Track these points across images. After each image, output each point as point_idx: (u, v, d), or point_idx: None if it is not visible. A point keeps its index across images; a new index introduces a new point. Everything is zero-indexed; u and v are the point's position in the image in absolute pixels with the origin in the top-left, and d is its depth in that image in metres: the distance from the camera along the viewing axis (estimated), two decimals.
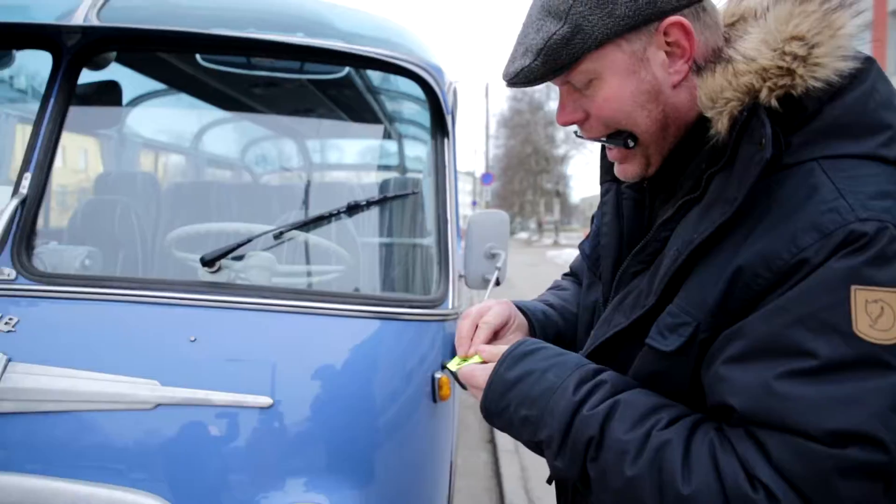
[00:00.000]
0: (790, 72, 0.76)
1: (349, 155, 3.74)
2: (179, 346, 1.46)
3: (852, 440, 0.66)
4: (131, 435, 1.39)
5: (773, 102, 0.77)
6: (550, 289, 1.38)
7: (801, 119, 0.80)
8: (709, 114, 0.83)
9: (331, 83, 2.28)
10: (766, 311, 0.74)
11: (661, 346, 0.83)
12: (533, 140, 44.69)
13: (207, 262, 1.68)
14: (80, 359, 1.40)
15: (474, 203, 44.83)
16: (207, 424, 1.41)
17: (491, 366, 0.96)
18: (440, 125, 2.00)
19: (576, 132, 0.98)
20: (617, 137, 0.92)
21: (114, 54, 1.88)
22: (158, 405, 1.39)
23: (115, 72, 2.03)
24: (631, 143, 0.91)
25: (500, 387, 0.92)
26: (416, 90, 1.99)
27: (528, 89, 44.64)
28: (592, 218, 1.23)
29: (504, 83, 0.94)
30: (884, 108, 0.80)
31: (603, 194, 1.09)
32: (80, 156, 3.17)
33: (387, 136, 2.77)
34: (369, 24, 1.94)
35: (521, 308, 1.17)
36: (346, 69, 2.16)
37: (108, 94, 2.07)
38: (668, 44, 0.85)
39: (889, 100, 0.81)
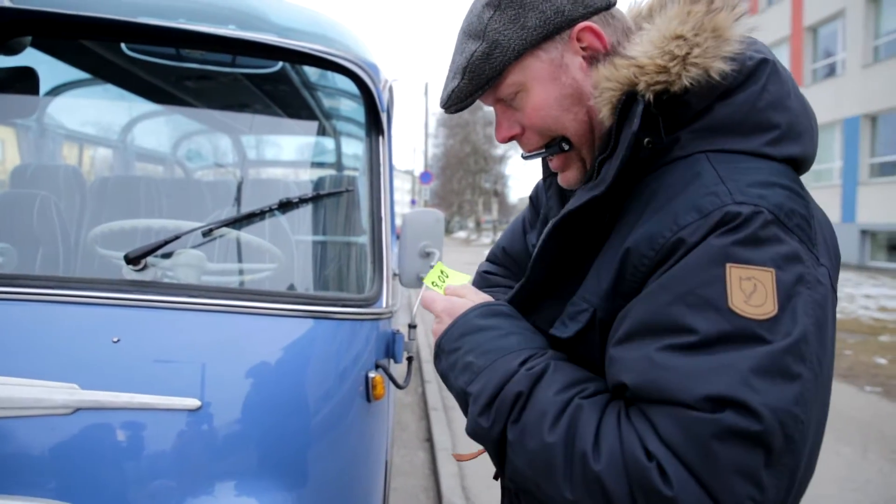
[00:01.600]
0: (666, 69, 0.81)
1: (284, 151, 3.67)
2: (101, 347, 1.40)
3: (726, 405, 0.68)
4: (47, 442, 1.32)
5: (650, 96, 0.82)
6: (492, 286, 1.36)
7: (691, 115, 0.85)
8: (592, 102, 0.89)
9: (265, 78, 2.24)
10: (650, 290, 0.77)
11: (560, 333, 0.88)
12: (472, 140, 45.02)
13: (132, 260, 1.62)
14: None
15: (413, 202, 44.78)
16: (131, 429, 1.36)
17: (465, 304, 0.99)
18: (375, 123, 1.99)
19: (523, 155, 1.02)
20: (553, 145, 0.97)
21: (28, 39, 1.78)
22: (77, 409, 1.33)
23: (32, 57, 1.93)
24: (566, 147, 0.96)
25: (463, 328, 0.94)
26: (352, 87, 1.98)
27: None
28: (531, 198, 1.26)
29: (442, 110, 0.98)
30: (772, 109, 0.85)
31: (546, 189, 1.13)
32: None
33: (322, 132, 2.73)
34: (304, 19, 1.91)
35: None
36: (280, 64, 2.12)
37: (24, 81, 1.97)
38: (583, 48, 0.91)
39: (780, 100, 0.86)
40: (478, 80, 0.93)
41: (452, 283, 1.12)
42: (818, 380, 0.73)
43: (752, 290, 0.71)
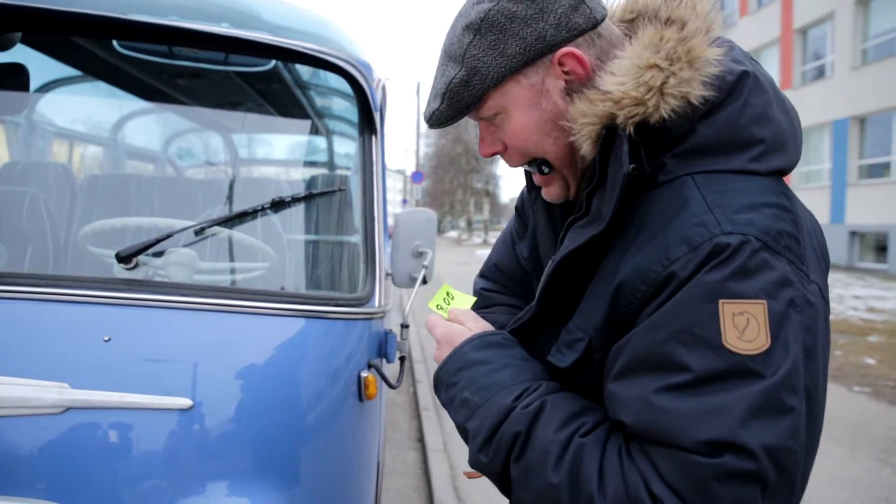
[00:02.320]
0: (642, 102, 0.79)
1: (276, 150, 3.65)
2: (92, 346, 1.39)
3: (724, 449, 0.69)
4: (37, 442, 1.31)
5: (630, 129, 0.80)
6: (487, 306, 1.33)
7: (673, 140, 0.84)
8: (573, 139, 0.87)
9: (257, 76, 2.23)
10: (644, 326, 0.77)
11: (558, 362, 0.88)
12: (464, 139, 45.01)
13: (124, 258, 1.61)
14: None
15: (405, 201, 44.73)
16: (122, 428, 1.35)
17: (463, 333, 0.99)
18: (368, 122, 1.99)
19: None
20: (533, 164, 0.97)
21: (19, 35, 1.77)
22: (68, 409, 1.32)
23: (23, 54, 1.91)
24: (546, 170, 0.96)
25: (459, 363, 0.95)
26: (345, 86, 1.97)
27: None
28: (517, 208, 1.26)
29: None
30: (756, 123, 0.84)
31: (532, 202, 1.11)
32: None
33: (314, 131, 2.72)
34: (297, 18, 1.90)
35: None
36: (273, 62, 2.11)
37: (14, 77, 1.95)
38: (565, 73, 0.88)
39: (763, 112, 0.85)
40: (457, 105, 0.92)
41: (457, 305, 1.11)
42: (811, 403, 0.75)
43: (745, 325, 0.71)
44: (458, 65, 0.89)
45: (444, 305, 1.11)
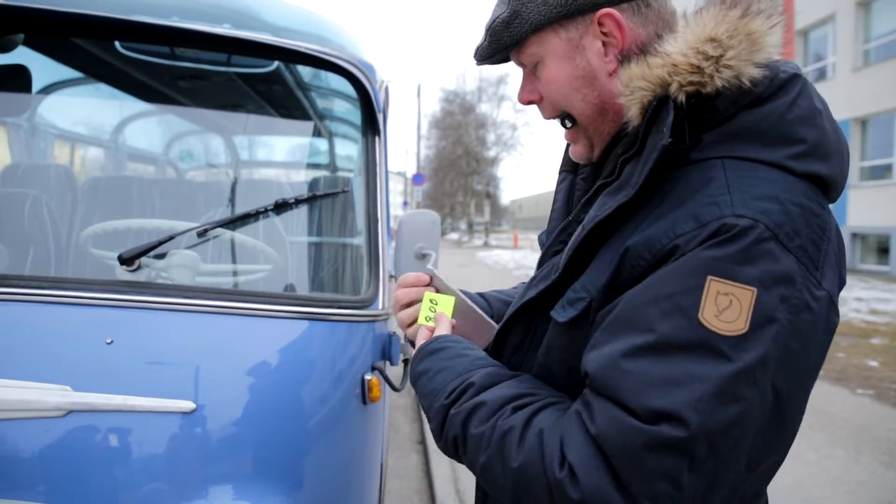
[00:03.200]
0: (700, 69, 0.81)
1: (278, 152, 3.65)
2: (94, 348, 1.39)
3: (665, 419, 0.70)
4: (39, 445, 1.30)
5: (682, 97, 0.81)
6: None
7: (716, 120, 0.84)
8: (621, 100, 0.88)
9: (260, 78, 2.22)
10: (634, 289, 0.79)
11: (558, 317, 0.89)
12: (464, 142, 45.04)
13: (126, 261, 1.60)
14: None
15: (406, 203, 44.76)
16: (124, 431, 1.34)
17: (419, 340, 1.07)
18: (371, 123, 1.98)
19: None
20: (560, 118, 1.00)
21: (21, 37, 1.76)
22: (70, 412, 1.31)
23: (25, 56, 1.91)
24: (568, 124, 0.99)
25: (413, 376, 1.04)
26: (348, 87, 1.96)
27: (460, 91, 45.24)
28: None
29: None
30: (801, 123, 0.83)
31: (558, 183, 1.14)
32: None
33: (317, 133, 2.71)
34: (300, 19, 1.89)
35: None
36: (275, 64, 2.10)
37: (16, 79, 1.94)
38: (604, 34, 0.91)
39: (810, 116, 0.84)
40: (496, 44, 0.97)
41: (441, 307, 1.13)
42: (779, 406, 0.75)
43: (726, 306, 0.71)
44: (506, 6, 0.95)
45: (431, 315, 1.12)
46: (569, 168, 1.12)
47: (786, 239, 0.74)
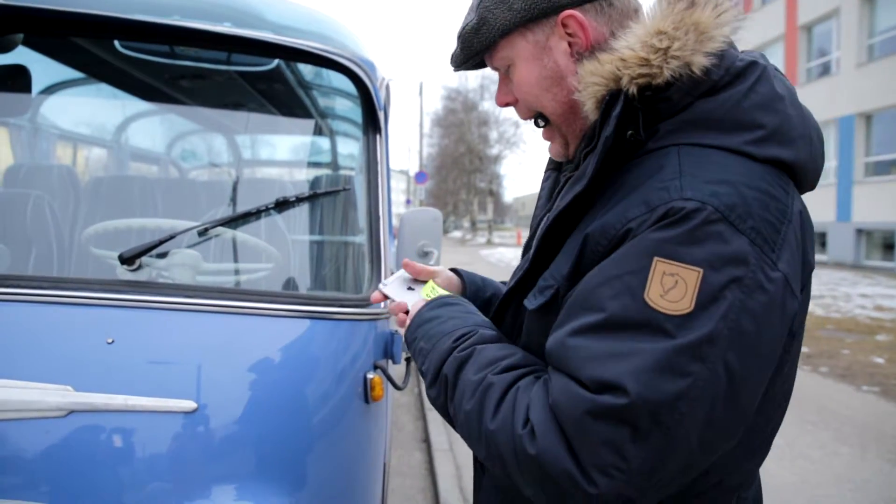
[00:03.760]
0: (648, 62, 0.84)
1: (279, 150, 3.64)
2: (95, 348, 1.38)
3: (609, 389, 0.74)
4: (40, 445, 1.30)
5: (633, 89, 0.84)
6: None
7: (672, 110, 0.87)
8: (576, 97, 0.93)
9: (260, 76, 2.21)
10: (591, 272, 0.83)
11: (529, 304, 0.95)
12: (467, 139, 45.02)
13: (126, 260, 1.60)
14: None
15: (408, 202, 44.74)
16: (126, 431, 1.34)
17: (421, 302, 1.13)
18: (372, 121, 1.98)
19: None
20: (535, 118, 1.05)
21: (20, 36, 1.76)
22: (71, 412, 1.31)
23: (25, 56, 1.90)
24: (541, 123, 1.04)
25: (418, 320, 1.08)
26: (348, 85, 1.96)
27: (462, 89, 45.21)
28: None
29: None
30: (760, 109, 0.85)
31: (543, 181, 1.20)
32: None
33: (318, 131, 2.71)
34: (300, 17, 1.89)
35: (461, 274, 1.32)
36: (276, 62, 2.10)
37: (16, 79, 1.94)
38: (569, 35, 0.95)
39: (769, 102, 0.86)
40: (468, 50, 1.03)
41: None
42: (735, 387, 0.75)
43: (671, 286, 0.74)
44: (474, 13, 1.01)
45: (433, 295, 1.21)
46: (553, 166, 1.17)
47: (737, 221, 0.76)
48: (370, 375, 1.67)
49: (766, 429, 0.93)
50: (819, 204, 18.93)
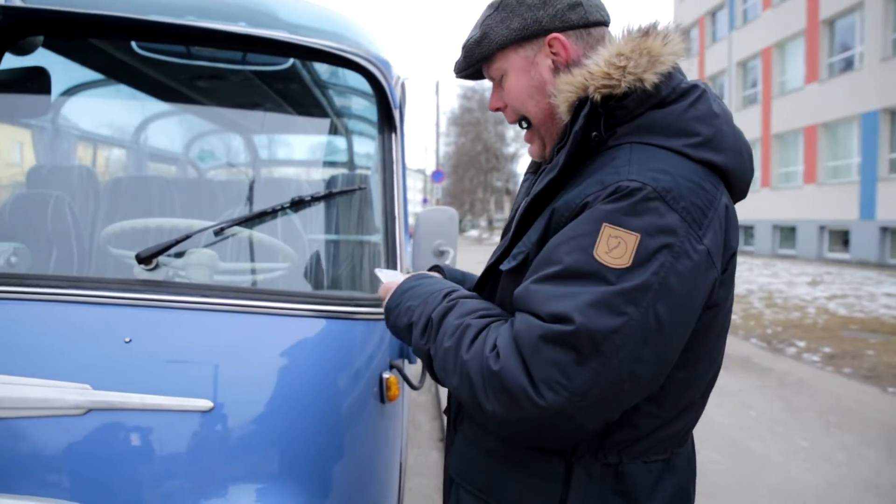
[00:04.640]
0: (609, 76, 1.04)
1: (295, 150, 3.65)
2: (113, 347, 1.39)
3: (559, 320, 0.92)
4: (60, 443, 1.31)
5: (597, 97, 1.04)
6: None
7: (629, 117, 1.07)
8: (552, 101, 1.13)
9: (276, 76, 2.22)
10: (555, 237, 1.01)
11: (503, 267, 1.14)
12: (483, 138, 44.98)
13: (144, 259, 1.61)
14: (3, 363, 1.31)
15: (425, 201, 44.81)
16: (143, 430, 1.34)
17: (402, 276, 1.33)
18: (388, 120, 1.97)
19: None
20: (519, 121, 1.24)
21: (40, 39, 1.77)
22: (90, 410, 1.31)
23: (44, 58, 1.92)
24: (525, 125, 1.24)
25: (401, 289, 1.25)
26: (364, 84, 1.95)
27: (479, 88, 45.18)
28: None
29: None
30: (698, 121, 1.06)
31: (521, 183, 1.40)
32: (14, 149, 3.00)
33: (334, 130, 2.71)
34: (315, 16, 1.89)
35: (443, 270, 1.52)
36: (291, 61, 2.10)
37: (35, 81, 1.96)
38: (553, 53, 1.16)
39: (706, 117, 1.07)
40: (469, 59, 1.24)
41: None
42: (662, 336, 0.93)
43: (615, 246, 0.93)
44: (478, 29, 1.21)
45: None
46: (532, 170, 1.37)
47: (671, 201, 0.95)
48: (386, 375, 1.67)
49: (690, 387, 1.10)
50: (841, 202, 18.64)
